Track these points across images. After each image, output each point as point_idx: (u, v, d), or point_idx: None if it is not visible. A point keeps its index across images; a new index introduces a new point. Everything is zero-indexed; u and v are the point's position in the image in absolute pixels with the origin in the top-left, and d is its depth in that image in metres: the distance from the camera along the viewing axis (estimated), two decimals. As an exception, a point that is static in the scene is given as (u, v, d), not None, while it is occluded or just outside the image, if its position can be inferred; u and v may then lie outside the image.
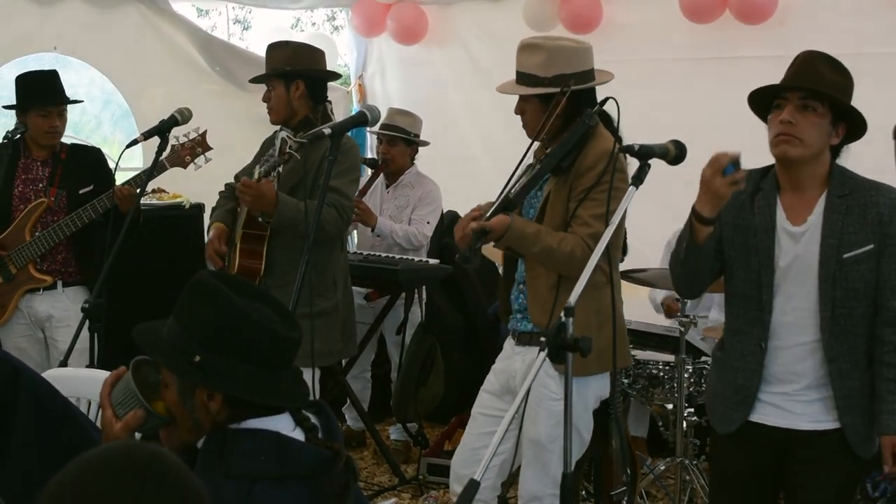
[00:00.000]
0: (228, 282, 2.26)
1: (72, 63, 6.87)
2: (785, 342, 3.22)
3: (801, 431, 3.23)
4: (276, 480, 2.13)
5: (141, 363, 2.44)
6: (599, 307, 3.56)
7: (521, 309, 3.77)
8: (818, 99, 3.10)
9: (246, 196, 4.30)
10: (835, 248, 3.13)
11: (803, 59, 3.19)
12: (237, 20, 16.42)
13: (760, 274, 3.21)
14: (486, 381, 3.91)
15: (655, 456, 5.48)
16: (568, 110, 3.62)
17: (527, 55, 3.66)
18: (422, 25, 8.00)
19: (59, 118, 4.91)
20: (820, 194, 3.20)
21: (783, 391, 3.24)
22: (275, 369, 2.24)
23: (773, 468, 3.31)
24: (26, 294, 4.92)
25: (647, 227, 5.80)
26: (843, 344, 3.17)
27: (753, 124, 3.32)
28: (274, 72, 4.64)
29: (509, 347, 3.86)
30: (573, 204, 3.57)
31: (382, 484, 5.74)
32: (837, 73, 3.15)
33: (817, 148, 3.15)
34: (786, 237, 3.20)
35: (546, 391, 3.58)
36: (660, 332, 5.34)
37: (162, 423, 2.38)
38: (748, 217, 3.25)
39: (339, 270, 4.73)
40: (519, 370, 3.73)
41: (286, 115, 4.64)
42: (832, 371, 3.17)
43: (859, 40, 5.91)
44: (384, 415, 6.57)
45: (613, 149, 3.49)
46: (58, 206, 4.88)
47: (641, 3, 7.00)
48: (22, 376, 2.68)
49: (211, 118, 4.88)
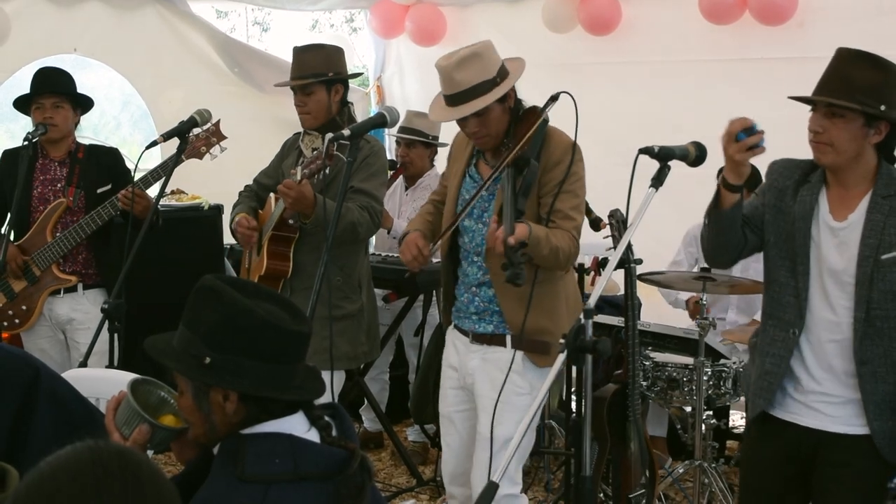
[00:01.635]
0: (233, 283, 2.28)
1: (91, 65, 6.90)
2: (818, 337, 3.19)
3: (831, 434, 3.18)
4: (292, 483, 2.13)
5: (138, 383, 2.47)
6: (567, 293, 3.79)
7: (478, 311, 3.82)
8: (838, 106, 3.06)
9: (288, 197, 4.29)
10: (873, 249, 3.08)
11: (835, 60, 3.14)
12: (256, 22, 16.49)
13: (796, 262, 3.19)
14: (447, 378, 3.99)
15: (674, 459, 5.47)
16: (514, 103, 3.71)
17: (462, 70, 3.60)
18: (440, 27, 7.99)
19: (53, 110, 4.83)
20: (865, 192, 3.16)
21: (815, 389, 3.21)
22: (286, 363, 2.25)
23: (802, 471, 3.26)
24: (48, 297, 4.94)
25: (664, 228, 5.78)
26: (877, 346, 3.12)
27: (772, 125, 3.31)
28: (317, 78, 4.58)
29: (462, 345, 3.91)
30: (548, 199, 3.64)
31: (400, 485, 5.74)
32: (874, 69, 3.08)
33: (852, 151, 3.10)
34: (826, 231, 3.17)
35: (512, 386, 3.62)
36: (679, 334, 5.33)
37: (170, 434, 2.39)
38: (790, 204, 3.23)
39: (364, 273, 4.74)
40: (476, 368, 3.82)
41: (325, 119, 4.58)
42: (864, 373, 3.12)
43: (879, 41, 5.84)
44: (402, 416, 6.56)
45: (573, 141, 3.63)
46: (77, 206, 4.89)
47: (660, 4, 6.98)
48: (42, 378, 2.70)
49: (229, 120, 4.87)
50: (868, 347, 3.12)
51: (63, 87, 4.91)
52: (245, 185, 4.95)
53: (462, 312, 3.89)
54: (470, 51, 3.62)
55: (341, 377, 4.70)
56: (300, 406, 2.29)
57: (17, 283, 4.87)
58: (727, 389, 4.92)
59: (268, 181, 4.83)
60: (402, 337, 6.27)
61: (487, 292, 3.80)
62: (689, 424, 5.00)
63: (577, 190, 3.69)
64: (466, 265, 3.86)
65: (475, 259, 3.82)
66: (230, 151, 4.86)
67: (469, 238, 3.85)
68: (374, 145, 4.61)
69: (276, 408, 2.24)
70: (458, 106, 3.63)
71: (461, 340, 3.91)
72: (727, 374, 4.91)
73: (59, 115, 4.87)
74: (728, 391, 4.92)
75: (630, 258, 4.30)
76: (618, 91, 6.99)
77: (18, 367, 2.70)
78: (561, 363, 2.48)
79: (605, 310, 5.56)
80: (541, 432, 5.55)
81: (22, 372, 2.68)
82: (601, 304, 5.52)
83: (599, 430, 4.61)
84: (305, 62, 4.63)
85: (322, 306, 3.65)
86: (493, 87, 3.60)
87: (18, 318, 4.92)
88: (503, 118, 3.67)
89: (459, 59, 3.60)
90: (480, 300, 3.81)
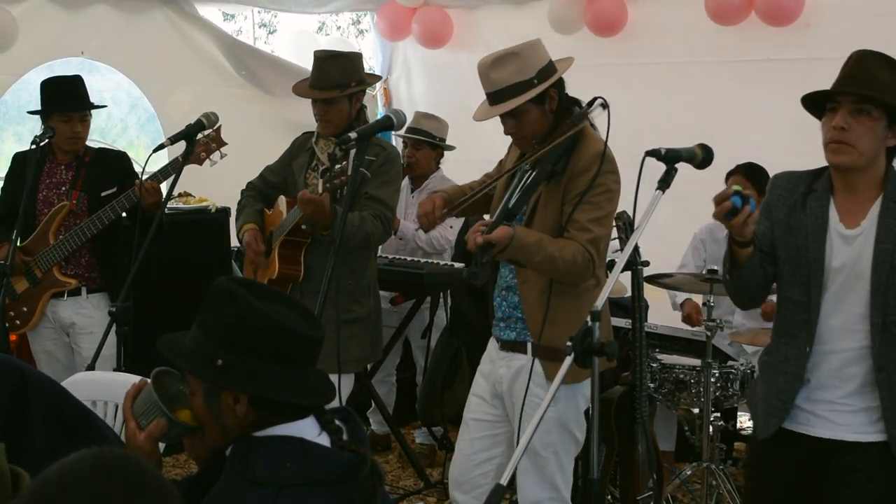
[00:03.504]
0: (247, 286, 2.28)
1: (98, 67, 6.91)
2: (832, 346, 3.14)
3: (844, 442, 3.14)
4: (303, 486, 2.13)
5: (161, 374, 2.45)
6: (584, 307, 3.55)
7: (504, 317, 3.75)
8: (872, 102, 3.00)
9: (307, 209, 4.28)
10: (888, 254, 3.04)
11: (856, 59, 3.09)
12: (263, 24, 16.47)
13: (810, 276, 3.13)
14: (476, 385, 3.90)
15: (682, 461, 5.46)
16: (558, 105, 3.61)
17: (498, 69, 3.55)
18: (447, 29, 8.00)
19: (80, 123, 4.90)
20: (875, 197, 3.11)
21: (827, 398, 3.16)
22: (297, 367, 2.25)
23: (812, 481, 3.21)
24: (51, 299, 4.94)
25: (671, 230, 5.78)
26: (893, 352, 3.07)
27: (777, 126, 3.31)
28: (342, 91, 4.56)
29: (493, 351, 3.84)
30: (568, 207, 3.53)
31: (408, 487, 5.74)
32: (891, 70, 3.04)
33: (872, 153, 3.06)
34: (838, 240, 3.12)
35: (535, 399, 3.55)
36: (686, 336, 5.33)
37: (185, 431, 2.39)
38: (800, 218, 3.18)
39: (373, 277, 4.75)
40: (504, 376, 3.74)
41: (345, 127, 4.55)
42: (881, 380, 3.07)
43: (886, 42, 5.81)
44: (409, 418, 6.57)
45: (604, 150, 3.49)
46: (80, 210, 4.90)
47: (667, 5, 6.98)
48: (30, 381, 2.67)
49: (236, 122, 4.89)
50: (885, 354, 3.07)
51: (88, 102, 4.96)
52: (248, 183, 4.94)
53: (496, 318, 3.80)
54: (510, 49, 3.57)
55: (350, 380, 4.71)
56: (311, 410, 2.29)
57: (19, 284, 4.89)
58: (735, 391, 4.91)
59: (275, 179, 4.83)
60: (410, 339, 6.27)
61: (514, 298, 3.71)
62: (696, 426, 4.99)
63: (601, 202, 3.53)
64: (501, 267, 3.76)
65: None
66: (237, 154, 4.87)
67: None
68: (391, 152, 4.61)
69: (288, 411, 2.24)
70: (495, 105, 3.57)
71: (493, 346, 3.84)
72: (734, 375, 4.90)
73: (87, 128, 4.97)
74: (736, 393, 4.91)
75: (637, 260, 4.30)
76: (624, 92, 6.94)
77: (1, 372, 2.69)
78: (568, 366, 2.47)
79: (613, 312, 5.55)
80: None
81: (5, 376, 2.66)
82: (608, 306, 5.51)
83: (607, 432, 4.61)
84: (328, 71, 4.60)
85: (331, 310, 3.64)
86: (529, 87, 3.52)
87: (19, 320, 4.94)
88: (541, 120, 3.59)
89: (496, 58, 3.54)
90: (507, 305, 3.73)
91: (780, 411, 3.22)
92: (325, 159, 4.57)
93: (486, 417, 3.83)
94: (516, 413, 3.62)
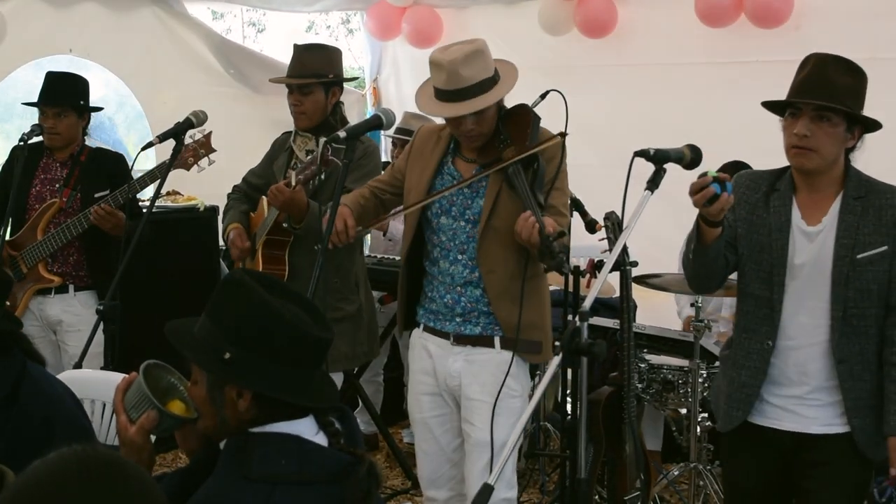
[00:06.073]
0: (262, 281, 2.26)
1: (87, 65, 6.88)
2: (797, 342, 3.22)
3: (812, 435, 3.22)
4: (297, 485, 2.13)
5: (152, 366, 2.44)
6: (545, 292, 3.83)
7: (464, 312, 3.74)
8: (832, 110, 3.08)
9: (277, 201, 4.27)
10: (849, 249, 3.13)
11: (814, 64, 3.15)
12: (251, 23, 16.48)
13: (772, 273, 3.22)
14: (420, 385, 3.91)
15: (669, 461, 5.47)
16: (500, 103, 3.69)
17: (469, 66, 3.51)
18: (437, 29, 8.00)
19: (54, 119, 4.88)
20: (835, 195, 3.20)
21: (794, 394, 3.24)
22: (304, 369, 2.25)
23: (784, 474, 3.31)
24: (38, 296, 4.93)
25: (660, 231, 5.79)
26: (853, 345, 3.17)
27: (767, 127, 3.31)
28: (318, 78, 4.57)
29: (437, 347, 3.82)
30: (540, 196, 3.59)
31: (395, 487, 5.74)
32: (850, 74, 3.12)
33: (834, 156, 3.15)
34: (801, 236, 3.21)
35: (507, 389, 3.60)
36: (674, 336, 5.34)
37: (176, 423, 2.38)
38: (763, 216, 3.26)
39: (361, 273, 4.73)
40: (462, 371, 3.75)
41: (320, 120, 4.58)
42: (842, 372, 3.16)
43: (875, 45, 5.88)
44: (397, 418, 6.57)
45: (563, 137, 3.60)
46: (70, 208, 4.88)
47: (657, 7, 6.99)
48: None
49: (225, 121, 4.87)
50: (845, 346, 3.16)
51: (64, 98, 4.93)
52: (234, 186, 4.94)
53: (441, 314, 3.78)
54: (472, 47, 3.55)
55: (338, 379, 4.70)
56: (311, 410, 2.28)
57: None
58: (722, 392, 4.91)
59: (258, 181, 4.82)
60: (398, 339, 6.26)
61: (474, 292, 3.70)
62: (684, 427, 5.00)
63: (565, 187, 3.73)
64: (448, 265, 3.75)
65: (460, 257, 3.72)
66: (225, 153, 4.85)
67: (449, 237, 3.74)
68: (369, 145, 4.60)
69: (289, 410, 2.23)
70: (461, 102, 3.53)
71: (436, 343, 3.82)
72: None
73: (62, 124, 4.92)
74: (723, 393, 4.92)
75: (625, 261, 4.30)
76: (613, 93, 7.00)
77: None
78: (556, 366, 2.47)
79: (601, 312, 5.56)
80: (536, 434, 5.55)
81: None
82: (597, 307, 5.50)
83: (595, 432, 4.62)
84: (306, 61, 4.62)
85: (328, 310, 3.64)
86: (494, 85, 3.57)
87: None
88: (495, 117, 3.65)
89: (465, 55, 3.51)
90: (467, 300, 3.72)
91: (743, 404, 3.30)
92: (303, 157, 4.56)
93: (444, 411, 3.87)
94: (473, 408, 3.69)
